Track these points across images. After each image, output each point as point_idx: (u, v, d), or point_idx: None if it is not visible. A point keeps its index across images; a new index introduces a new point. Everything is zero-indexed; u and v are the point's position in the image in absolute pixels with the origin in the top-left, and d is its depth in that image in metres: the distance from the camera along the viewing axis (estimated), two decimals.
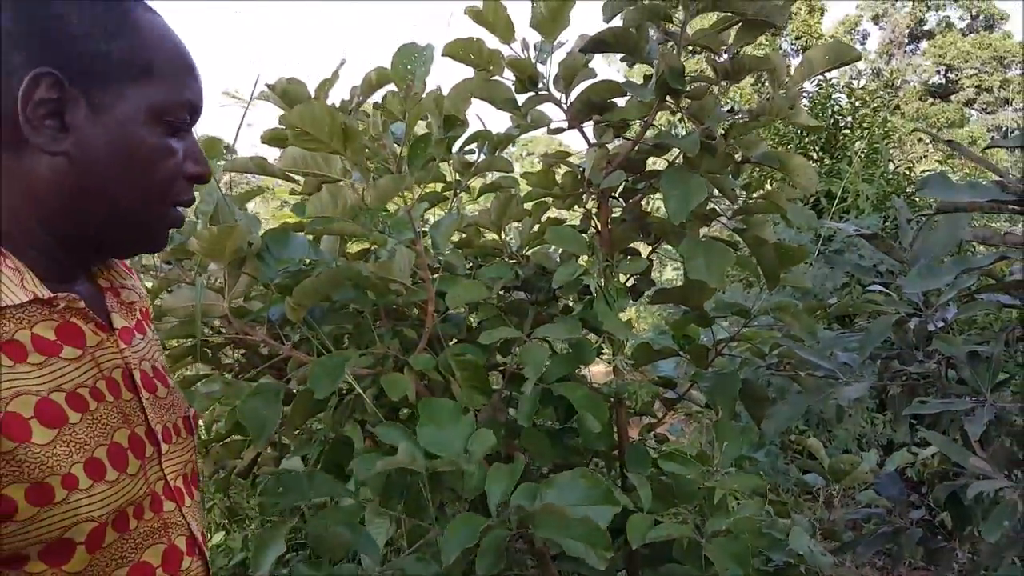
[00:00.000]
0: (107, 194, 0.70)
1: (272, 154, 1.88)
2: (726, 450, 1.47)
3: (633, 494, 1.49)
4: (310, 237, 1.65)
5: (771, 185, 1.89)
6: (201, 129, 1.50)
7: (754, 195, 1.83)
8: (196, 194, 1.59)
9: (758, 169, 1.92)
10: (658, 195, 1.71)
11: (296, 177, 1.79)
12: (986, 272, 1.41)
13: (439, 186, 2.00)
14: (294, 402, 1.75)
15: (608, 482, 1.25)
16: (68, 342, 0.68)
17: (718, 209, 1.85)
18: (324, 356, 1.37)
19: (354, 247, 2.20)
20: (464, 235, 1.97)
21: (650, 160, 1.79)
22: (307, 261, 1.63)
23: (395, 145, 1.37)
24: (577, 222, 1.78)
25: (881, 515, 1.46)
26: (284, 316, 1.47)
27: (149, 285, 1.52)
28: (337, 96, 2.33)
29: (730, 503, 1.40)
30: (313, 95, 1.79)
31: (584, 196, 1.71)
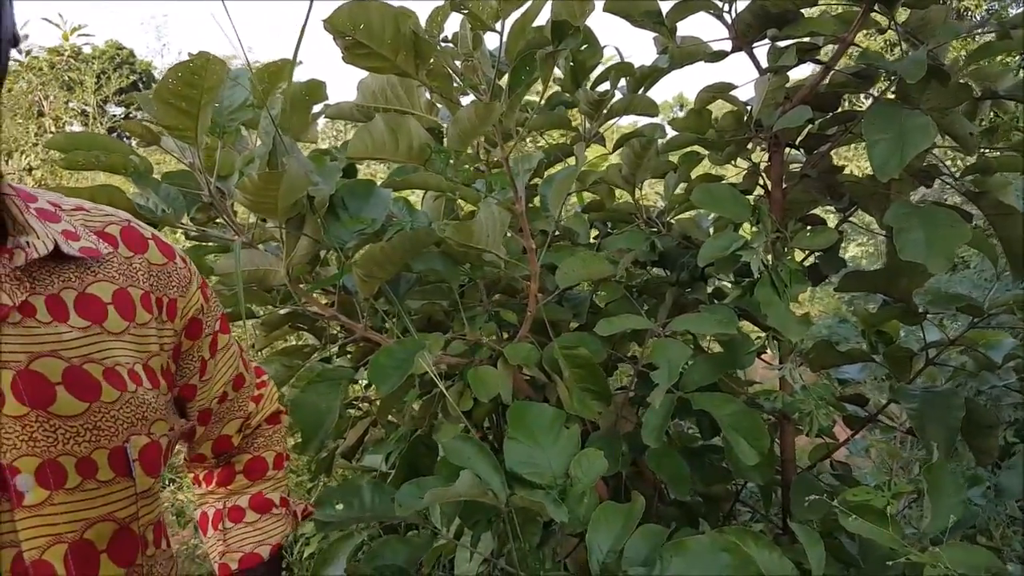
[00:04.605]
0: None
1: None
2: (941, 507, 1.02)
3: (798, 547, 1.09)
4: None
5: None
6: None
7: (998, 145, 1.32)
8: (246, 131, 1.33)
9: (1000, 110, 1.39)
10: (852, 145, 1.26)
11: None
12: None
13: (569, 138, 1.64)
14: None
15: (762, 555, 0.86)
16: None
17: (940, 165, 1.35)
18: (395, 341, 1.08)
19: (470, 206, 1.90)
20: (596, 196, 1.61)
21: (846, 96, 1.33)
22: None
23: (491, 69, 1.03)
24: (739, 179, 1.36)
25: None
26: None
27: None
28: None
29: None
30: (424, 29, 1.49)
31: (750, 144, 1.29)
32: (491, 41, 1.16)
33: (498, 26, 1.03)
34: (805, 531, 1.06)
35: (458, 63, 1.05)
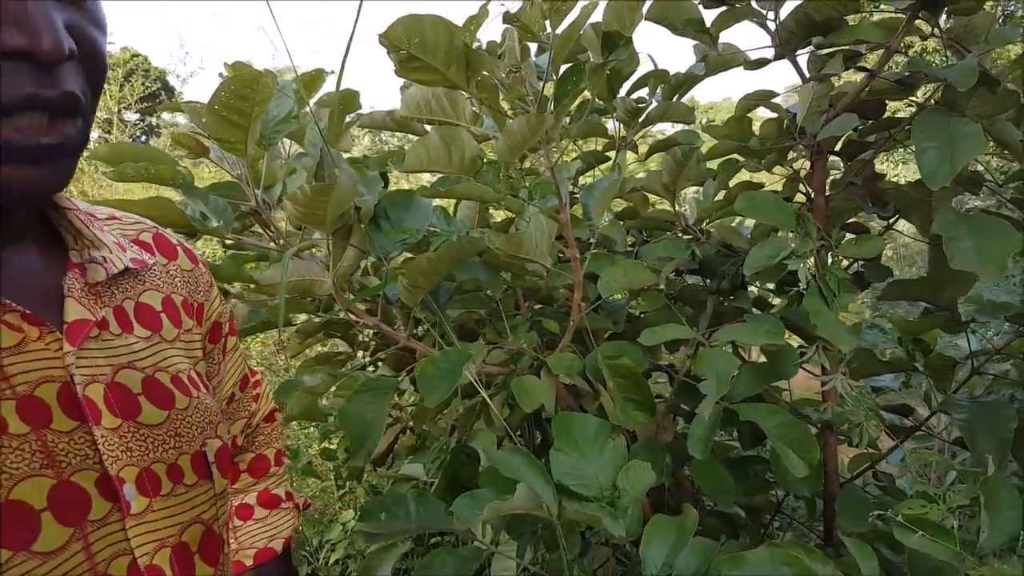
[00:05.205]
0: None
1: None
2: (999, 522, 1.01)
3: (846, 560, 1.08)
4: (441, 202, 1.37)
5: None
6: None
7: None
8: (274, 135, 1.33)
9: None
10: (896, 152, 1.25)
11: None
12: None
13: (600, 144, 1.64)
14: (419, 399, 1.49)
15: (817, 568, 0.85)
16: None
17: (984, 171, 1.33)
18: (440, 351, 1.08)
19: (501, 214, 1.90)
20: (629, 203, 1.60)
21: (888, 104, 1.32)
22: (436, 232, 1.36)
23: (537, 79, 1.03)
24: (780, 187, 1.35)
25: None
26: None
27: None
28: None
29: None
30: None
31: (792, 152, 1.28)
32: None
33: (543, 35, 1.04)
34: (857, 544, 1.04)
35: (503, 74, 1.05)
